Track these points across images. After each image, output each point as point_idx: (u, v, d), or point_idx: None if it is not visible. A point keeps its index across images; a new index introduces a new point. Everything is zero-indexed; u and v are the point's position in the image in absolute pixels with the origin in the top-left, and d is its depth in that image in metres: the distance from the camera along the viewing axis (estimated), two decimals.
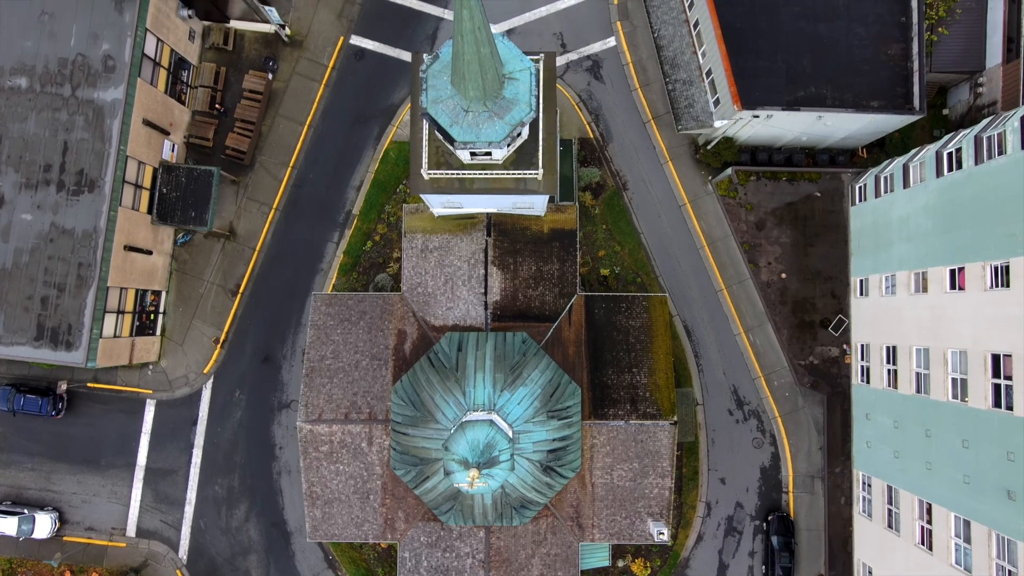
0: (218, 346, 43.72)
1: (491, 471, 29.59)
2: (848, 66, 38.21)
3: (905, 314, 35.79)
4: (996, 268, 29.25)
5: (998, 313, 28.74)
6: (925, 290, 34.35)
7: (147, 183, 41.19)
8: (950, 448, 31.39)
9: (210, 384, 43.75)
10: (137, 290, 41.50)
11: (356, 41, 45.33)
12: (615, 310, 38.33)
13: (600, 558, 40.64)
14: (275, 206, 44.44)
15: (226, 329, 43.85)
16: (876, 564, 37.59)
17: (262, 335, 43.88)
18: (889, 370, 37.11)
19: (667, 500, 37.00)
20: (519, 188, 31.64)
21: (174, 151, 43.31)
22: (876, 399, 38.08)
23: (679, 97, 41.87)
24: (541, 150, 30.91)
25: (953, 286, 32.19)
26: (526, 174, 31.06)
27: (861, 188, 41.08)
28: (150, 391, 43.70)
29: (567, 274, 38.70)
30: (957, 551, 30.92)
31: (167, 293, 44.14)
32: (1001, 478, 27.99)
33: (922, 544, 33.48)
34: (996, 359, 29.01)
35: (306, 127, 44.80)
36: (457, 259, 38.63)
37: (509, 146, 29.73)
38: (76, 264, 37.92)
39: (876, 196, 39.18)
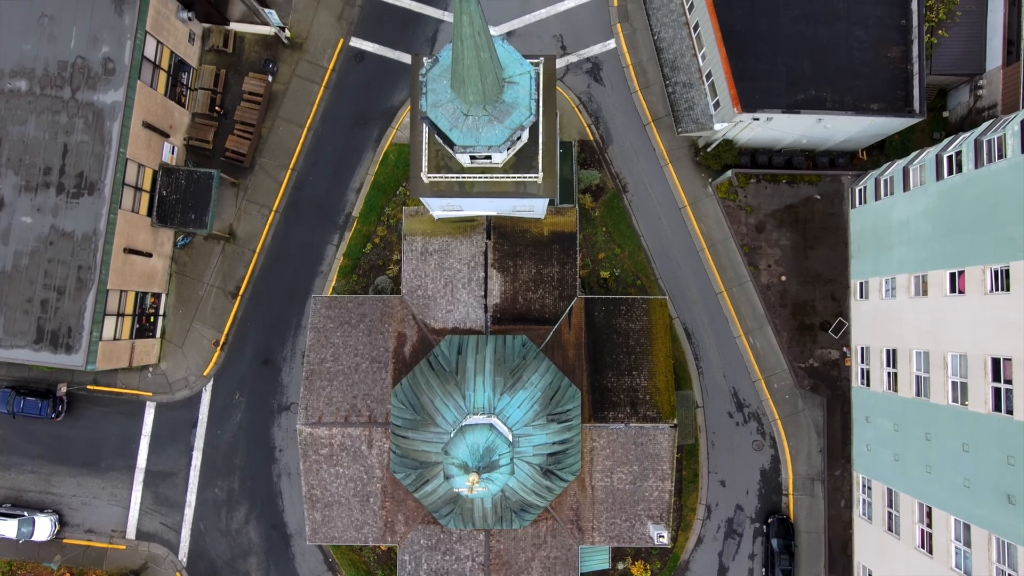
0: (218, 348, 43.71)
1: (491, 475, 29.56)
2: (848, 69, 38.20)
3: (905, 317, 35.78)
4: (996, 272, 29.25)
5: (998, 317, 28.72)
6: (925, 293, 34.34)
7: (147, 185, 41.18)
8: (950, 452, 31.38)
9: (210, 386, 43.75)
10: (137, 292, 41.50)
11: (356, 43, 45.31)
12: (615, 313, 38.31)
13: (600, 561, 40.67)
14: (275, 208, 44.43)
15: (226, 331, 43.84)
16: (876, 567, 37.58)
17: (262, 337, 43.88)
18: (889, 373, 37.10)
19: (667, 503, 36.99)
20: (519, 192, 31.61)
21: (174, 153, 43.29)
22: (876, 402, 38.07)
23: (679, 100, 41.84)
24: (541, 153, 30.87)
25: (953, 289, 32.19)
26: (526, 178, 31.03)
27: (861, 191, 41.07)
28: (150, 393, 43.69)
29: (567, 277, 38.69)
30: (957, 555, 30.92)
31: (167, 295, 44.14)
32: (1001, 482, 27.99)
33: (922, 547, 33.48)
34: (996, 363, 29.01)
35: (306, 129, 44.78)
36: (457, 262, 38.62)
37: (509, 150, 29.70)
38: (76, 267, 37.92)
39: (876, 199, 39.16)
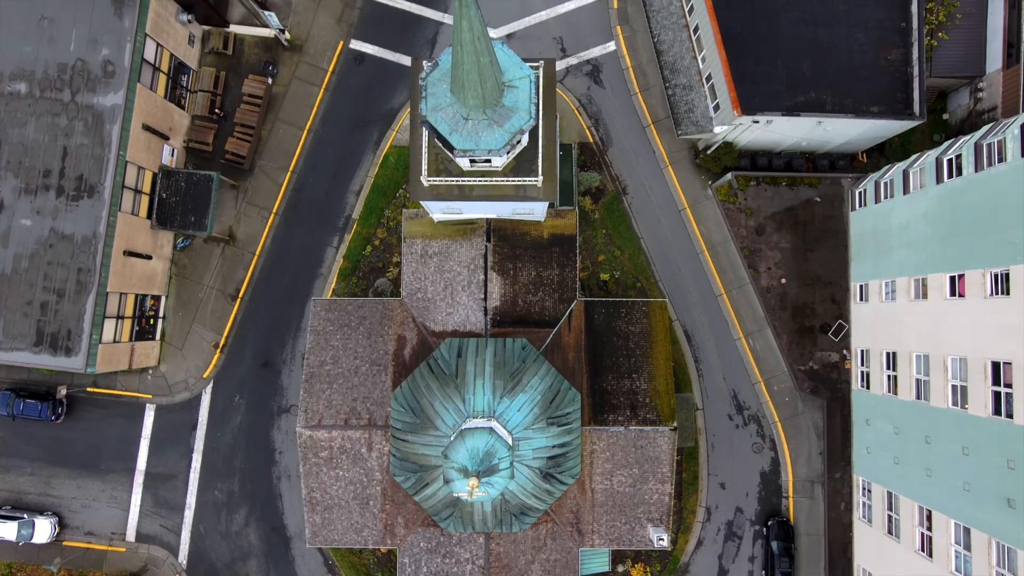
0: (218, 351, 43.70)
1: (491, 479, 29.55)
2: (848, 71, 38.18)
3: (905, 320, 35.77)
4: (996, 276, 29.24)
5: (998, 321, 28.72)
6: (925, 296, 34.33)
7: (147, 188, 41.16)
8: (950, 455, 31.38)
9: (210, 389, 43.74)
10: (137, 295, 41.48)
11: (356, 45, 45.30)
12: (615, 315, 38.30)
13: (600, 563, 40.67)
14: (275, 211, 44.42)
15: (226, 334, 43.83)
16: (876, 570, 37.57)
17: (262, 340, 43.87)
18: (889, 376, 37.09)
19: (667, 506, 36.98)
20: (519, 195, 31.61)
21: (173, 156, 43.27)
22: (876, 405, 38.07)
23: (679, 102, 41.82)
24: (541, 157, 30.86)
25: (953, 293, 32.17)
26: (526, 181, 31.02)
27: (861, 193, 41.05)
28: (150, 396, 43.68)
29: (567, 279, 38.67)
30: (957, 558, 30.91)
31: (167, 298, 44.12)
32: (1001, 486, 27.98)
33: (922, 551, 33.47)
34: (996, 367, 29.01)
35: (306, 131, 44.76)
36: (457, 264, 38.60)
37: (509, 153, 29.69)
38: (76, 269, 37.90)
39: (876, 201, 39.14)
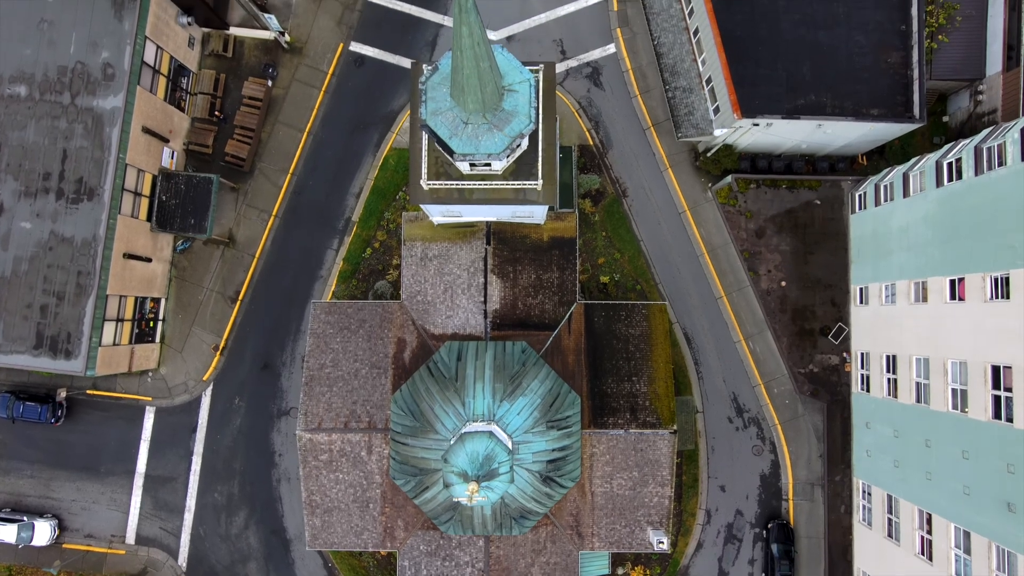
0: (217, 353, 43.70)
1: (490, 484, 29.55)
2: (848, 74, 38.14)
3: (905, 323, 35.75)
4: (996, 279, 29.21)
5: (998, 325, 28.70)
6: (925, 300, 34.32)
7: (146, 190, 41.15)
8: (950, 459, 31.36)
9: (209, 391, 43.73)
10: (136, 298, 41.47)
11: (356, 48, 45.29)
12: (615, 318, 38.29)
13: (600, 566, 40.64)
14: (274, 213, 44.41)
15: (225, 336, 43.81)
16: (876, 573, 37.55)
17: (261, 342, 43.86)
18: (889, 379, 37.07)
19: (667, 509, 36.98)
20: (518, 198, 31.61)
21: (173, 158, 43.27)
22: (876, 408, 38.05)
23: (679, 104, 41.81)
24: (540, 160, 30.87)
25: (953, 296, 32.15)
26: (525, 184, 31.04)
27: (861, 196, 41.04)
28: (149, 398, 43.67)
29: (567, 282, 38.67)
30: (957, 562, 30.89)
31: (166, 300, 44.11)
32: (1001, 490, 27.96)
33: (922, 554, 33.45)
34: (996, 371, 28.98)
35: (305, 134, 44.75)
36: (456, 267, 38.59)
37: (508, 157, 29.70)
38: (75, 272, 37.89)
39: (876, 204, 39.13)
